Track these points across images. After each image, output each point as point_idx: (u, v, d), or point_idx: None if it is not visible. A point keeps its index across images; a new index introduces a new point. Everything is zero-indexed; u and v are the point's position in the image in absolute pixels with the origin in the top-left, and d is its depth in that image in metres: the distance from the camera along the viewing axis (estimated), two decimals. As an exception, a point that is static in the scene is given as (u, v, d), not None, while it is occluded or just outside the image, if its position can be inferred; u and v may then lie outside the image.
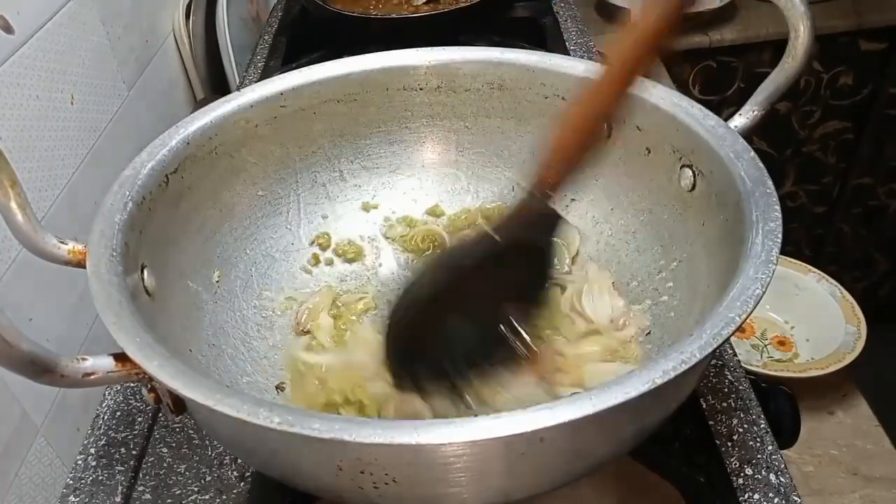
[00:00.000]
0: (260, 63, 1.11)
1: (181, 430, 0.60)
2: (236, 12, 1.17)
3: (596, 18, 1.60)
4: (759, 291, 0.39)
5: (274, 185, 0.66)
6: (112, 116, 0.88)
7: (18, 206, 0.46)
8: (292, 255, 0.67)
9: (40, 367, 0.36)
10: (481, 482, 0.39)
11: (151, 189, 0.52)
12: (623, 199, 0.63)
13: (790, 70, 0.54)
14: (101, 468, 0.57)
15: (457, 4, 1.09)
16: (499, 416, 0.34)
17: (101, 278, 0.43)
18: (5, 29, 0.68)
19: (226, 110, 0.60)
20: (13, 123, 0.68)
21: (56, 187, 0.75)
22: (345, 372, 0.56)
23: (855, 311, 1.04)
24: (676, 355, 0.36)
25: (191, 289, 0.56)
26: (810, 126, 1.74)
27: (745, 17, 1.57)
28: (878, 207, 1.91)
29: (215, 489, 0.55)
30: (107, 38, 0.89)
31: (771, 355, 1.07)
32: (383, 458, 0.36)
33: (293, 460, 0.41)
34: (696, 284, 0.53)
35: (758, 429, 0.56)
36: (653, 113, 0.57)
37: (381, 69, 0.65)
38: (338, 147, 0.68)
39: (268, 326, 0.61)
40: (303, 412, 0.35)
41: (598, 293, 0.61)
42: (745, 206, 0.46)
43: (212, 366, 0.53)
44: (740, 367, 0.62)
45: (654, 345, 0.56)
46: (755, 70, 1.60)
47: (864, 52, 1.64)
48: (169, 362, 0.38)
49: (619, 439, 0.42)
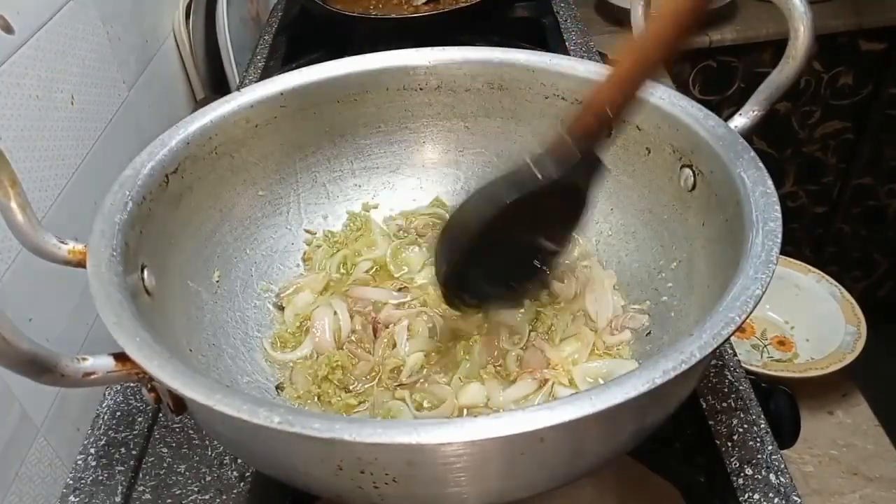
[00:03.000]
0: (260, 63, 1.11)
1: (181, 430, 0.60)
2: (236, 12, 1.17)
3: (596, 18, 1.60)
4: (759, 291, 0.39)
5: (274, 185, 0.66)
6: (112, 116, 0.88)
7: (19, 206, 0.46)
8: (292, 255, 0.67)
9: (40, 366, 0.36)
10: (481, 482, 0.39)
11: (151, 189, 0.52)
12: (623, 199, 0.63)
13: (790, 70, 0.54)
14: (101, 468, 0.57)
15: (457, 4, 1.09)
16: (499, 415, 0.34)
17: (102, 278, 0.43)
18: (5, 29, 0.68)
19: (226, 110, 0.60)
20: (13, 123, 0.69)
21: (56, 187, 0.75)
22: (318, 362, 0.58)
23: (855, 311, 1.04)
24: (676, 355, 0.36)
25: (191, 288, 0.56)
26: (810, 126, 1.74)
27: (745, 17, 1.57)
28: (878, 207, 1.91)
29: (215, 489, 0.55)
30: (107, 38, 0.89)
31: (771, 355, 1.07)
32: (383, 458, 0.36)
33: (293, 460, 0.41)
34: (696, 284, 0.53)
35: (758, 429, 0.56)
36: (653, 113, 0.57)
37: (381, 69, 0.65)
38: (338, 147, 0.68)
39: (268, 326, 0.61)
40: (303, 412, 0.36)
41: (601, 292, 0.61)
42: (745, 206, 0.46)
43: (212, 366, 0.53)
44: (740, 367, 0.62)
45: (654, 345, 0.56)
46: (755, 70, 1.60)
47: (864, 52, 1.64)
48: (169, 362, 0.38)
49: (619, 439, 0.42)
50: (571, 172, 0.48)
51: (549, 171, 0.47)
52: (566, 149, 0.47)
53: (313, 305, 0.62)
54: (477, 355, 0.57)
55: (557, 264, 0.57)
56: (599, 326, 0.59)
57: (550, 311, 0.61)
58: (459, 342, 0.58)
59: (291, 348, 0.59)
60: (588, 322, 0.60)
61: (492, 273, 0.53)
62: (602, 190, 0.65)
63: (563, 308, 0.61)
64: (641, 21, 0.64)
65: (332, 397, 0.55)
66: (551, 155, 0.48)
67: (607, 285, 0.61)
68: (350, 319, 0.61)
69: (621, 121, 0.48)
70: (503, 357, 0.57)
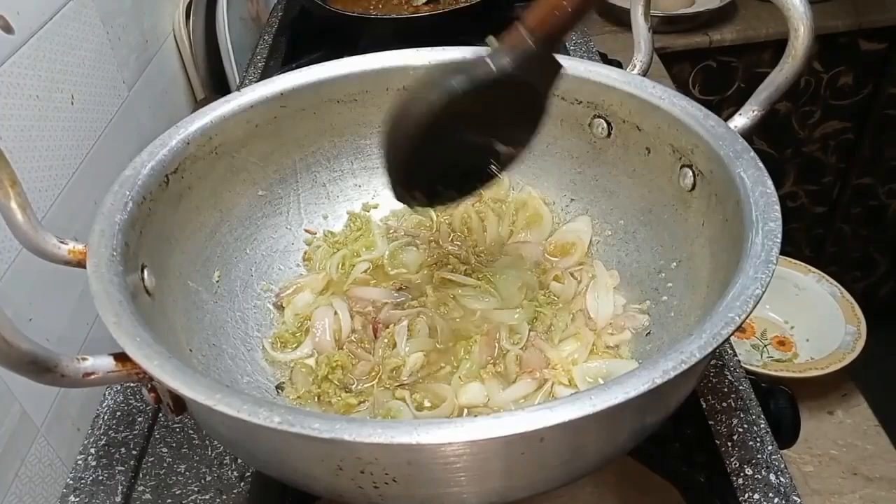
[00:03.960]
0: (260, 63, 1.11)
1: (181, 430, 0.60)
2: (236, 12, 1.17)
3: (596, 18, 1.60)
4: (759, 291, 0.39)
5: (274, 185, 0.66)
6: (112, 116, 0.88)
7: (19, 206, 0.46)
8: (292, 255, 0.67)
9: (41, 366, 0.36)
10: (481, 482, 0.39)
11: (152, 189, 0.52)
12: (623, 199, 0.63)
13: (790, 70, 0.54)
14: (101, 468, 0.57)
15: (457, 4, 1.09)
16: (499, 415, 0.34)
17: (102, 278, 0.43)
18: (5, 29, 0.68)
19: (226, 110, 0.60)
20: (13, 123, 0.68)
21: (56, 187, 0.75)
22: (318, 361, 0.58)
23: (855, 311, 1.04)
24: (676, 355, 0.36)
25: (191, 288, 0.56)
26: (810, 126, 1.74)
27: (745, 17, 1.57)
28: (878, 207, 1.91)
29: (215, 489, 0.55)
30: (107, 38, 0.89)
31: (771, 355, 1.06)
32: (383, 458, 0.36)
33: (293, 460, 0.41)
34: (696, 284, 0.53)
35: (758, 429, 0.56)
36: (653, 113, 0.57)
37: (381, 69, 0.65)
38: (338, 147, 0.68)
39: (268, 326, 0.61)
40: (303, 412, 0.35)
41: (601, 292, 0.61)
42: (745, 206, 0.46)
43: (212, 366, 0.53)
44: (740, 367, 0.62)
45: (654, 345, 0.56)
46: (755, 70, 1.60)
47: (864, 52, 1.64)
48: (169, 362, 0.38)
49: (619, 439, 0.42)
50: (527, 69, 0.47)
51: (504, 65, 0.46)
52: (522, 43, 0.46)
53: (313, 305, 0.62)
54: (477, 355, 0.57)
55: (511, 167, 0.54)
56: (599, 326, 0.59)
57: (550, 310, 0.61)
58: (459, 342, 0.58)
59: (291, 348, 0.59)
60: (588, 322, 0.60)
61: (442, 169, 0.51)
62: (602, 190, 0.65)
63: (562, 308, 0.61)
64: (641, 21, 0.64)
65: (332, 397, 0.55)
66: (507, 49, 0.46)
67: (609, 285, 0.61)
68: (350, 319, 0.61)
69: (579, 19, 0.46)
70: (503, 357, 0.57)
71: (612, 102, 0.60)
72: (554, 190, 0.68)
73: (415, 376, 0.56)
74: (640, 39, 0.65)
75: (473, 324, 0.60)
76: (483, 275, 0.63)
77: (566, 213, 0.68)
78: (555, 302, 0.62)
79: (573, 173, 0.67)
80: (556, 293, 0.62)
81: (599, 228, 0.65)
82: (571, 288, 0.62)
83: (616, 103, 0.60)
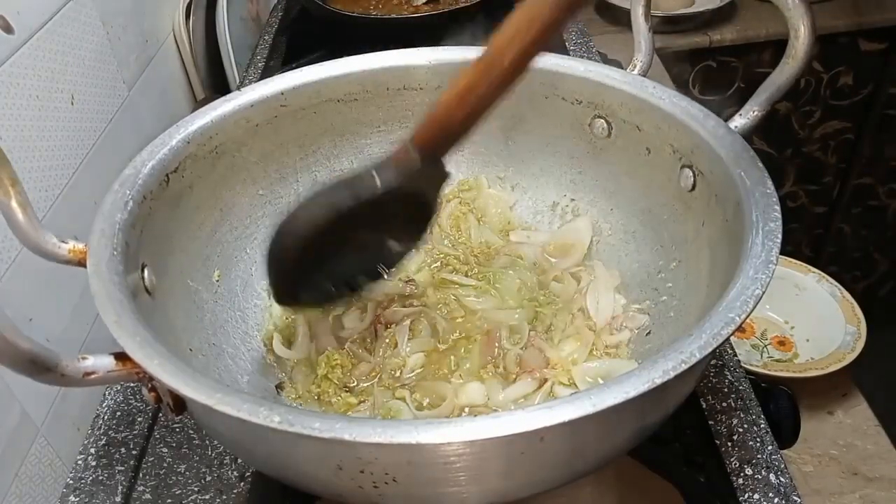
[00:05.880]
0: (260, 63, 1.11)
1: (181, 430, 0.60)
2: (236, 12, 1.17)
3: (596, 18, 1.60)
4: (759, 291, 0.39)
5: (274, 184, 0.66)
6: (112, 116, 0.88)
7: (19, 206, 0.46)
8: (292, 254, 0.67)
9: (41, 366, 0.36)
10: (481, 482, 0.39)
11: (152, 188, 0.52)
12: (623, 199, 0.63)
13: (790, 70, 0.54)
14: (101, 468, 0.57)
15: (457, 4, 1.09)
16: (499, 415, 0.34)
17: (102, 277, 0.43)
18: (5, 29, 0.68)
19: (226, 110, 0.60)
20: (13, 123, 0.68)
21: (56, 187, 0.75)
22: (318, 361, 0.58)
23: (855, 311, 1.04)
24: (676, 355, 0.36)
25: (191, 288, 0.56)
26: (810, 126, 1.74)
27: (745, 17, 1.57)
28: (878, 207, 1.91)
29: (215, 489, 0.55)
30: (107, 38, 0.89)
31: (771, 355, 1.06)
32: (383, 458, 0.36)
33: (293, 460, 0.41)
34: (696, 284, 0.53)
35: (758, 429, 0.56)
36: (653, 113, 0.57)
37: (381, 69, 0.65)
38: (338, 147, 0.68)
39: (268, 325, 0.61)
40: (303, 412, 0.36)
41: (603, 292, 0.61)
42: (745, 206, 0.46)
43: (212, 365, 0.53)
44: (740, 367, 0.62)
45: (654, 345, 0.56)
46: (755, 70, 1.60)
47: (864, 52, 1.64)
48: (169, 361, 0.38)
49: (618, 439, 0.42)
50: (413, 180, 0.48)
51: (389, 179, 0.48)
52: (408, 158, 0.48)
53: (313, 305, 0.62)
54: (477, 355, 0.57)
55: (402, 264, 0.58)
56: (599, 326, 0.59)
57: (550, 310, 0.61)
58: (459, 342, 0.58)
59: (291, 348, 0.59)
60: (587, 322, 0.60)
61: (330, 272, 0.53)
62: (602, 190, 0.65)
63: (562, 308, 0.61)
64: (642, 21, 0.64)
65: (332, 397, 0.55)
66: (394, 164, 0.48)
67: (608, 285, 0.61)
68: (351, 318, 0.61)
69: (468, 132, 0.47)
70: (503, 357, 0.57)
71: (612, 102, 0.60)
72: (554, 190, 0.68)
73: (415, 376, 0.56)
74: (640, 39, 0.65)
75: (474, 324, 0.60)
76: (483, 275, 0.64)
77: (566, 213, 0.68)
78: (555, 302, 0.62)
79: (573, 173, 0.67)
80: (555, 293, 0.62)
81: (599, 228, 0.65)
82: (571, 288, 0.62)
83: (616, 103, 0.60)
